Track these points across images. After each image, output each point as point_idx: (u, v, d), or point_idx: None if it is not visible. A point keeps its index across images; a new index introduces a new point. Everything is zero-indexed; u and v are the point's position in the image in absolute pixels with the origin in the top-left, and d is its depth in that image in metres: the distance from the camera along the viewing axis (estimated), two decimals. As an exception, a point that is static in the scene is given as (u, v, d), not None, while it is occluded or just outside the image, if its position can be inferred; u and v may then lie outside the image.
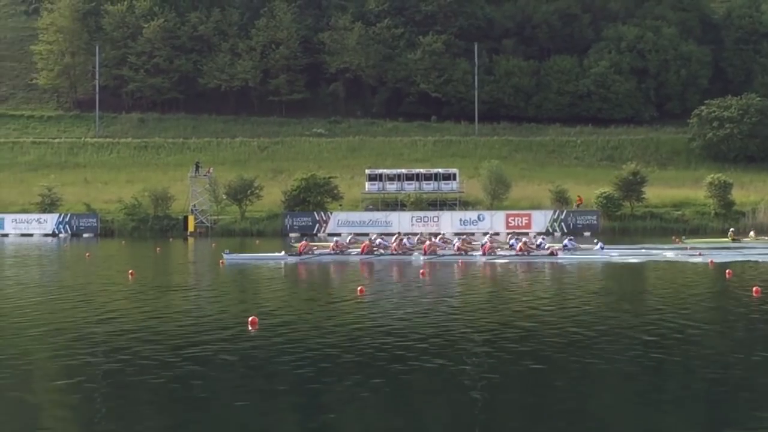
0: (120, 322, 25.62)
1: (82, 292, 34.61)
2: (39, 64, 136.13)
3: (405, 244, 53.53)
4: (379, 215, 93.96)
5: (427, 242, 53.28)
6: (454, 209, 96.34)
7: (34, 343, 22.14)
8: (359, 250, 52.40)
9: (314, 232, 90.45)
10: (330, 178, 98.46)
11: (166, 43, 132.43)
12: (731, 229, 69.94)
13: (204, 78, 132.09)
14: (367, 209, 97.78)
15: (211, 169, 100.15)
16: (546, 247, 51.88)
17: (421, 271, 42.30)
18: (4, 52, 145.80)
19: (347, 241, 56.37)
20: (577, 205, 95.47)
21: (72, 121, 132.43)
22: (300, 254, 50.81)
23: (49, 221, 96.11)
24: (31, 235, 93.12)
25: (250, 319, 23.95)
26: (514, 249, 51.37)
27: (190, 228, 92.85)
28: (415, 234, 63.70)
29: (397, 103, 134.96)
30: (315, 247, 53.41)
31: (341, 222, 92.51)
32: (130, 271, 42.01)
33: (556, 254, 50.32)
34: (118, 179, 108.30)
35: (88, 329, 24.14)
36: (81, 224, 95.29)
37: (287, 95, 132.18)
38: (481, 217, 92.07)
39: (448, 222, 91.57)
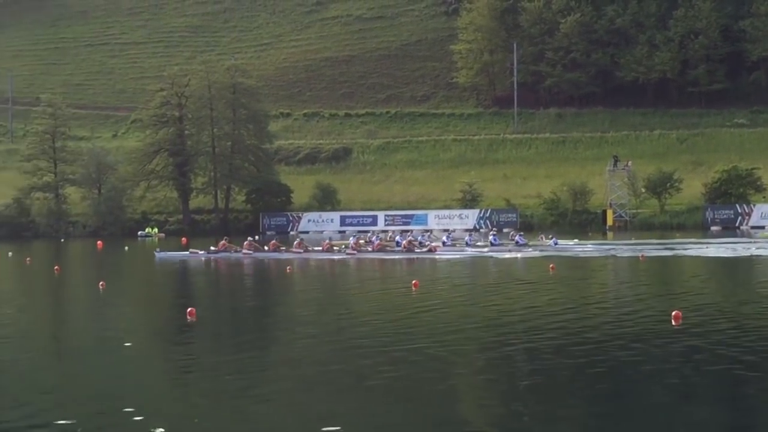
0: (542, 313, 25.92)
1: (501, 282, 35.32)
2: (459, 63, 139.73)
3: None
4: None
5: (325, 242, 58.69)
6: None
7: (468, 337, 22.78)
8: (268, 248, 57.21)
9: (736, 225, 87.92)
10: (752, 169, 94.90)
11: (583, 38, 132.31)
12: None
13: (621, 71, 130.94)
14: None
15: (630, 162, 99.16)
16: (426, 244, 56.25)
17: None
18: (425, 53, 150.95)
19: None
20: None
21: (491, 118, 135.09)
22: (218, 251, 55.60)
23: (471, 216, 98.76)
24: (453, 230, 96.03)
25: (673, 313, 23.50)
26: (399, 246, 56.13)
27: (609, 222, 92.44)
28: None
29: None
30: (233, 248, 56.76)
31: (765, 214, 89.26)
32: (551, 265, 42.44)
33: (435, 251, 54.56)
34: (537, 174, 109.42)
35: (509, 321, 24.61)
36: (501, 219, 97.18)
37: (706, 86, 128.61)
38: None
39: None
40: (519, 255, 52.62)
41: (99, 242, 77.41)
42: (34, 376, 18.47)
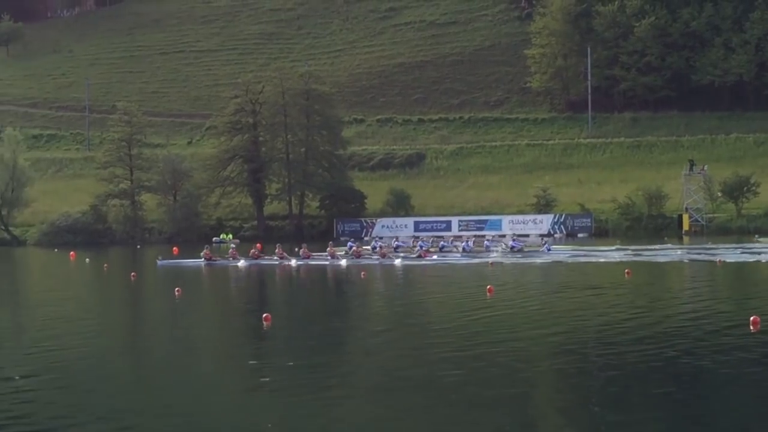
0: (619, 318, 25.76)
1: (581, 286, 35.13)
2: (532, 68, 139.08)
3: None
4: None
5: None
6: None
7: (547, 339, 22.71)
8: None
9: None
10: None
11: (658, 41, 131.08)
12: None
13: (697, 74, 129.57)
14: None
15: (705, 166, 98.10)
16: (417, 249, 56.16)
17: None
18: (499, 58, 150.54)
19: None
20: None
21: (565, 123, 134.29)
22: (209, 260, 56.48)
23: (545, 221, 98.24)
24: (527, 235, 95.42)
25: (751, 318, 23.21)
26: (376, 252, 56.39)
27: (685, 227, 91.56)
28: None
29: None
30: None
31: None
32: (626, 270, 42.10)
33: (425, 257, 54.00)
34: (612, 179, 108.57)
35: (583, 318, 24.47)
36: (576, 224, 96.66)
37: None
38: None
39: None
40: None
41: (175, 248, 78.09)
42: (111, 380, 18.68)
